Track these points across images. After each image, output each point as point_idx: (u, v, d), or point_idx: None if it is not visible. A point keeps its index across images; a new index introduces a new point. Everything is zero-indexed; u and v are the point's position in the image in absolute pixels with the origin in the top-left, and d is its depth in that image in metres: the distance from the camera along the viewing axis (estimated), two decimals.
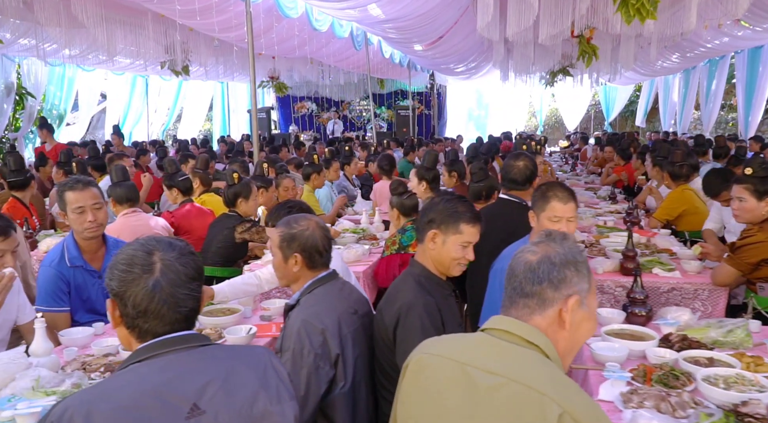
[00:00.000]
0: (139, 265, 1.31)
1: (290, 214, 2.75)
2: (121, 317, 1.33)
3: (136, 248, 1.34)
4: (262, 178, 4.69)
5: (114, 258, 1.36)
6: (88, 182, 2.86)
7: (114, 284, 1.32)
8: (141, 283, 1.29)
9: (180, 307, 1.31)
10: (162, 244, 1.35)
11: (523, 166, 3.36)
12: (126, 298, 1.30)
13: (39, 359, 2.09)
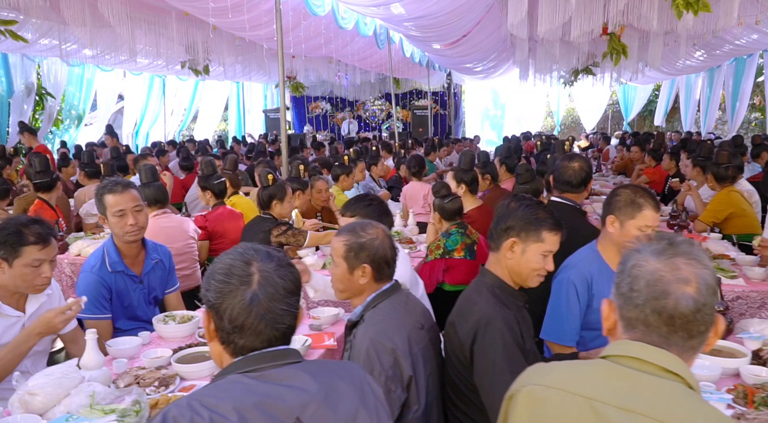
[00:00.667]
0: (236, 275, 1.22)
1: (370, 208, 2.67)
2: (216, 331, 1.24)
3: (235, 257, 1.25)
4: (299, 179, 4.58)
5: (211, 267, 1.28)
6: (127, 184, 2.76)
7: (210, 295, 1.23)
8: (238, 296, 1.20)
9: (278, 323, 1.23)
10: (261, 254, 1.26)
11: (578, 167, 3.22)
12: (222, 311, 1.21)
13: (91, 373, 1.98)
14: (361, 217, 2.64)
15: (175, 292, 3.07)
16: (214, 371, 2.14)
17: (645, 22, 6.20)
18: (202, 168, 4.43)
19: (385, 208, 2.73)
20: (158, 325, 2.56)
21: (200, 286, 3.56)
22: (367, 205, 2.68)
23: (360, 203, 2.70)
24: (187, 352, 2.26)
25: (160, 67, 11.39)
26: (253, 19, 5.21)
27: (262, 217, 4.00)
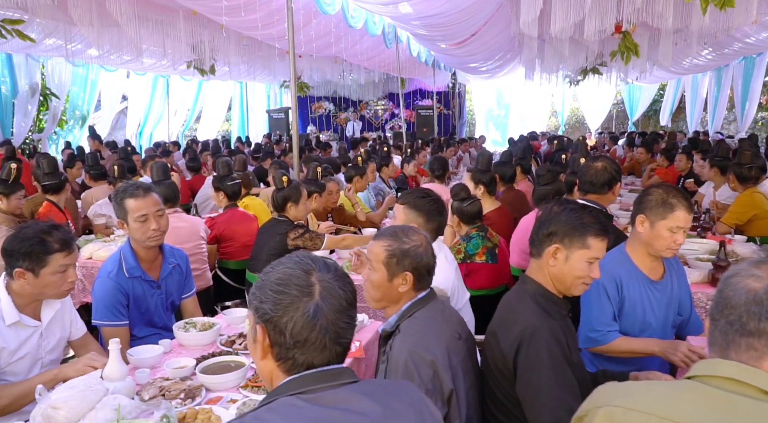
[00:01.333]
0: (297, 286, 1.14)
1: (425, 201, 2.60)
2: (272, 347, 1.14)
3: (291, 266, 1.17)
4: (315, 182, 4.49)
5: (264, 276, 1.19)
6: (148, 188, 2.67)
7: (267, 307, 1.14)
8: (300, 308, 1.12)
9: (340, 337, 1.15)
10: (318, 263, 1.18)
11: (601, 167, 3.14)
12: (282, 325, 1.12)
13: (115, 384, 1.90)
14: (410, 207, 2.58)
15: (191, 297, 2.99)
16: (240, 382, 2.06)
17: (660, 20, 6.11)
18: (218, 168, 4.34)
19: (441, 205, 2.66)
20: (179, 333, 2.48)
21: (210, 288, 3.47)
22: (422, 197, 2.61)
23: (414, 194, 2.64)
24: (211, 361, 2.18)
25: (165, 66, 11.32)
26: (265, 18, 5.12)
27: (277, 219, 3.92)
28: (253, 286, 1.21)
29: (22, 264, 2.07)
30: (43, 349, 2.21)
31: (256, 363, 1.21)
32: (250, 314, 1.21)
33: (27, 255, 2.07)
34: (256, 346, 1.18)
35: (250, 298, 1.21)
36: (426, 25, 7.17)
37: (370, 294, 1.91)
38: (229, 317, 2.72)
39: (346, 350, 1.18)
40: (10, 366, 2.08)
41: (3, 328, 2.08)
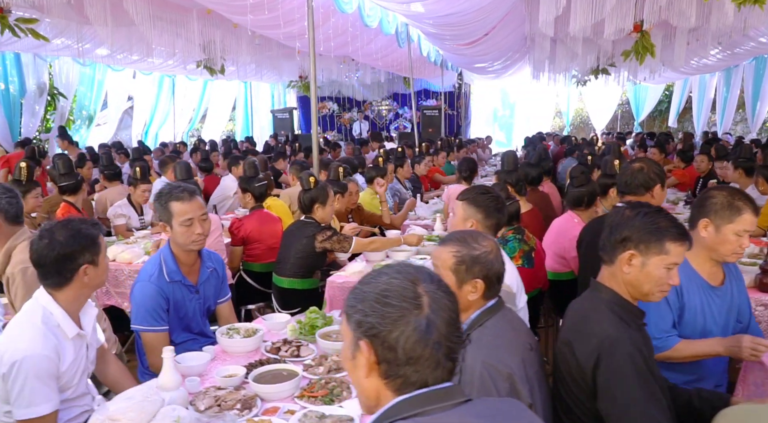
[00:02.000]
0: (405, 297, 1.06)
1: (485, 197, 2.54)
2: (378, 364, 1.07)
3: (395, 276, 1.09)
4: (338, 182, 4.42)
5: (364, 287, 1.11)
6: (193, 191, 2.60)
7: (373, 321, 1.06)
8: (411, 322, 1.04)
9: (453, 353, 1.08)
10: (422, 273, 1.11)
11: (638, 168, 3.07)
12: (391, 340, 1.05)
13: (170, 394, 1.83)
14: (470, 203, 2.52)
15: (227, 302, 2.92)
16: (295, 392, 1.99)
17: (682, 19, 6.05)
18: (245, 169, 4.28)
19: (502, 202, 2.60)
20: (223, 339, 2.41)
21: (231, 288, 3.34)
22: (482, 194, 2.56)
23: (475, 190, 2.62)
24: (263, 370, 2.11)
25: (172, 66, 11.26)
26: (285, 15, 5.05)
27: (304, 221, 3.84)
28: (351, 297, 1.13)
29: (84, 260, 1.99)
30: (88, 360, 2.14)
31: (357, 381, 1.13)
32: (347, 328, 1.13)
33: (86, 248, 2.00)
34: (356, 362, 1.10)
35: (348, 310, 1.12)
36: (441, 24, 7.10)
37: None
38: (270, 323, 2.65)
39: (455, 366, 1.10)
40: (68, 381, 1.99)
41: (66, 342, 1.98)
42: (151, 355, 2.53)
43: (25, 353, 1.85)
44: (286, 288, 3.79)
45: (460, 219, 2.64)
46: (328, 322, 2.55)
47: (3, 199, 2.56)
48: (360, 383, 1.12)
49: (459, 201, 2.67)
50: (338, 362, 2.19)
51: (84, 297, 2.10)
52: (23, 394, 1.84)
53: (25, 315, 1.99)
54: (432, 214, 5.87)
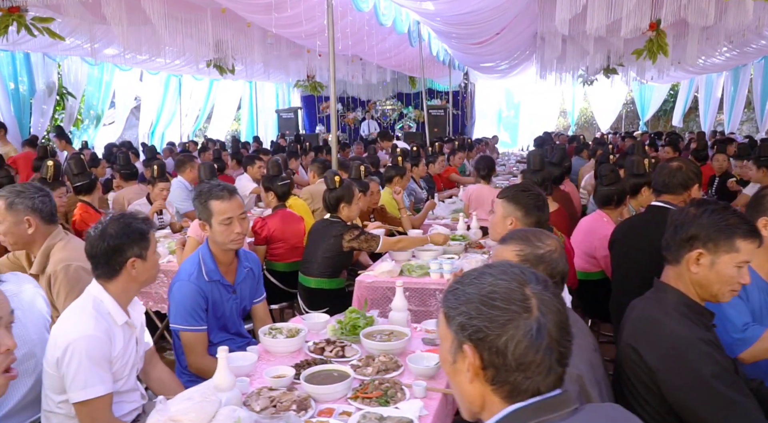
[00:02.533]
0: (513, 300, 1.02)
1: (526, 194, 2.51)
2: (484, 369, 1.03)
3: (502, 278, 1.05)
4: (360, 181, 4.39)
5: (467, 288, 1.06)
6: (233, 190, 2.58)
7: (479, 324, 1.02)
8: (521, 326, 1.00)
9: (564, 358, 1.04)
10: (528, 274, 1.06)
11: (677, 167, 3.04)
12: (500, 345, 1.01)
13: (226, 395, 1.80)
14: (509, 201, 2.50)
15: (262, 302, 2.90)
16: (347, 393, 1.96)
17: (701, 17, 6.02)
18: (268, 168, 4.25)
19: (542, 200, 2.58)
20: (266, 339, 2.38)
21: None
22: (522, 191, 2.54)
23: (515, 188, 2.60)
24: (313, 370, 2.08)
25: (180, 66, 11.23)
26: (305, 12, 5.03)
27: (330, 220, 3.81)
28: (452, 298, 1.08)
29: (132, 253, 2.01)
30: (137, 355, 2.12)
31: (459, 386, 1.09)
32: (447, 331, 1.08)
33: (135, 242, 2.02)
34: (457, 366, 1.07)
35: (448, 311, 1.08)
36: (456, 23, 7.08)
37: None
38: (309, 322, 2.62)
39: (565, 372, 1.06)
40: (119, 370, 1.98)
41: (116, 328, 1.99)
42: (191, 354, 2.51)
43: (77, 334, 1.87)
44: (313, 288, 3.76)
45: (499, 217, 2.62)
46: (370, 321, 2.53)
47: (36, 198, 2.53)
48: (462, 388, 1.08)
49: (499, 199, 2.64)
50: (386, 363, 2.16)
51: (133, 291, 2.11)
52: (78, 376, 1.85)
53: (77, 304, 2.01)
54: (450, 213, 5.84)
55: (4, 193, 2.49)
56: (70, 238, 2.59)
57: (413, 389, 1.97)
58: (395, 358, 2.21)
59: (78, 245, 2.42)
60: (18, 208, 2.45)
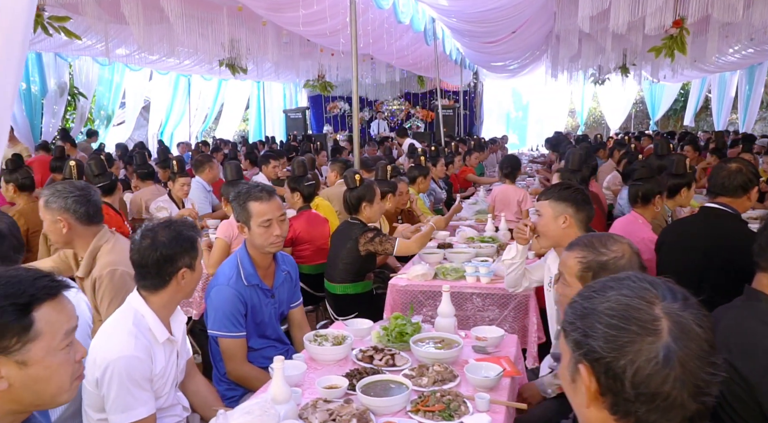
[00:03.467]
0: (637, 320, 0.89)
1: (569, 191, 2.41)
2: (602, 394, 0.91)
3: (626, 293, 0.93)
4: (387, 181, 4.28)
5: (585, 302, 0.95)
6: (272, 191, 2.49)
7: (596, 344, 0.90)
8: (644, 350, 0.87)
9: (703, 394, 0.89)
10: (661, 289, 0.93)
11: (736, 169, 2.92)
12: (617, 369, 0.88)
13: (284, 408, 1.70)
14: (556, 200, 2.41)
15: (299, 307, 2.80)
16: (406, 405, 1.86)
17: (729, 13, 5.90)
18: (294, 168, 4.15)
19: (586, 194, 2.49)
20: (312, 347, 2.28)
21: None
22: (565, 189, 2.45)
23: (555, 188, 2.53)
24: (368, 380, 1.98)
25: (191, 65, 11.16)
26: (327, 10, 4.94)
27: (349, 222, 3.68)
28: (569, 312, 0.98)
29: (183, 263, 1.93)
30: (178, 368, 2.02)
31: (577, 408, 0.99)
32: (566, 347, 0.98)
33: (186, 251, 1.93)
34: (576, 386, 0.96)
35: (565, 326, 0.98)
36: (476, 20, 6.98)
37: (561, 310, 1.70)
38: (353, 328, 2.52)
39: (707, 412, 0.91)
40: (159, 387, 1.88)
41: (156, 346, 1.89)
42: (230, 361, 2.42)
43: (118, 355, 1.77)
44: (339, 294, 3.64)
45: (549, 218, 2.52)
46: (417, 328, 2.42)
47: (69, 198, 2.44)
48: (581, 411, 0.98)
49: (544, 201, 2.56)
50: (441, 373, 2.06)
51: (175, 302, 2.01)
52: (119, 399, 1.76)
53: (117, 318, 1.91)
54: (473, 214, 5.74)
55: (45, 191, 2.45)
56: (117, 239, 2.49)
57: (475, 402, 1.87)
58: (450, 368, 2.10)
59: (125, 247, 2.32)
60: (52, 206, 2.40)
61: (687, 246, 2.85)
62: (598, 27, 7.55)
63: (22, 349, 1.16)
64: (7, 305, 1.14)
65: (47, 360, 1.19)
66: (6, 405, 1.18)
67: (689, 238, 2.86)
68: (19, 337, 1.15)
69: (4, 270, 1.19)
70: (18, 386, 1.17)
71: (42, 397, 1.21)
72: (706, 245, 2.72)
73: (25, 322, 1.16)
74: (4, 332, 1.14)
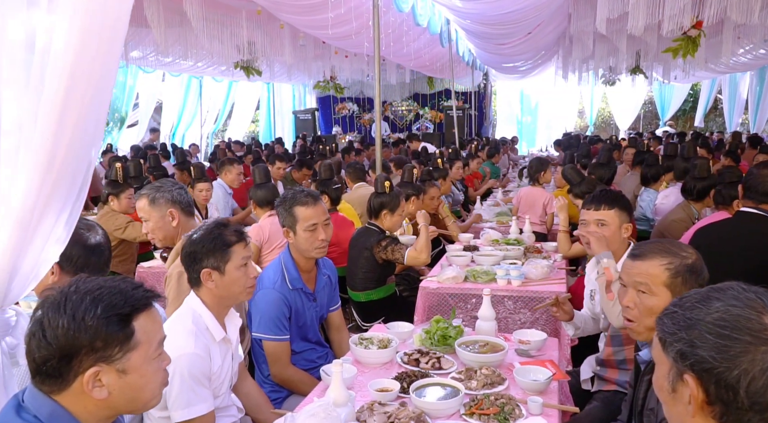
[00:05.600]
0: (749, 329, 0.92)
1: (625, 200, 2.43)
2: (710, 404, 0.94)
3: (734, 303, 0.95)
4: (412, 184, 4.31)
5: (687, 313, 0.97)
6: (317, 196, 2.52)
7: (706, 355, 0.93)
8: (758, 360, 0.90)
9: None
10: (765, 297, 0.96)
11: None
12: (731, 379, 0.91)
13: (344, 411, 1.73)
14: (620, 209, 2.47)
15: (338, 310, 2.83)
16: (460, 409, 1.89)
17: (746, 14, 5.91)
18: (321, 171, 4.19)
19: (626, 200, 2.53)
20: (358, 350, 2.30)
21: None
22: (620, 196, 2.53)
23: (610, 195, 2.56)
24: (419, 383, 2.00)
25: (204, 67, 11.21)
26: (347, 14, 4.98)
27: (367, 228, 3.69)
28: (669, 323, 0.99)
29: (208, 263, 1.94)
30: (233, 370, 2.05)
31: (679, 417, 1.01)
32: (665, 357, 1.00)
33: (211, 252, 1.94)
34: (677, 396, 0.98)
35: (665, 337, 1.00)
36: (495, 23, 6.99)
37: (644, 324, 1.65)
38: (394, 331, 2.54)
39: None
40: (217, 387, 1.92)
41: (213, 345, 1.92)
42: (275, 364, 2.45)
43: (179, 352, 1.80)
44: (364, 301, 3.65)
45: (616, 228, 2.48)
46: (459, 331, 2.45)
47: (174, 190, 2.53)
48: (682, 420, 1.00)
49: (608, 210, 2.49)
50: (490, 376, 2.08)
51: (223, 305, 2.02)
52: (181, 395, 1.80)
53: (177, 318, 1.96)
54: (494, 216, 5.76)
55: (145, 191, 2.54)
56: None
57: (528, 405, 1.89)
58: (498, 371, 2.13)
59: None
60: (160, 202, 2.49)
61: (725, 250, 2.84)
62: (614, 28, 7.55)
63: (123, 358, 1.19)
64: (113, 316, 1.18)
65: (143, 368, 1.22)
66: (102, 411, 1.22)
67: (726, 242, 2.85)
68: (121, 346, 1.19)
69: (104, 281, 1.22)
70: (116, 393, 1.20)
71: (136, 404, 1.25)
72: (744, 249, 2.72)
73: (127, 331, 1.19)
74: (109, 342, 1.17)
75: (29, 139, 1.30)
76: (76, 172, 1.41)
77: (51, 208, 1.39)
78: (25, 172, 1.31)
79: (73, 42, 1.25)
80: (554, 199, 4.80)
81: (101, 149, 10.65)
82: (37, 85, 1.26)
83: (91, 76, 1.30)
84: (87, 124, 1.35)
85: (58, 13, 1.25)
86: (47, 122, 1.27)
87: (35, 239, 1.39)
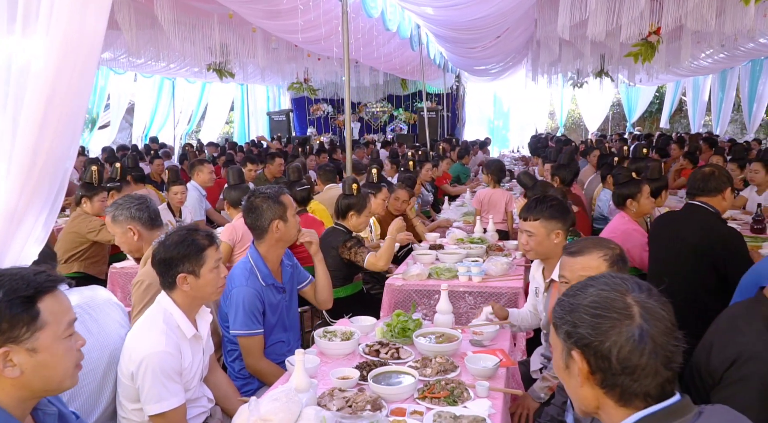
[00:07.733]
0: (615, 308, 1.11)
1: (555, 206, 2.61)
2: (592, 373, 1.12)
3: (603, 288, 1.14)
4: (374, 184, 4.47)
5: (571, 300, 1.15)
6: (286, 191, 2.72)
7: (584, 332, 1.11)
8: (623, 332, 1.09)
9: (671, 361, 1.11)
10: (630, 283, 1.15)
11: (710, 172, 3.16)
12: (604, 350, 1.10)
13: (306, 396, 1.88)
14: (546, 219, 2.57)
15: (310, 284, 3.00)
16: (413, 393, 2.05)
17: (701, 23, 6.19)
18: (289, 173, 4.32)
19: (565, 204, 2.68)
20: (322, 342, 2.46)
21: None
22: (549, 206, 2.61)
23: (540, 204, 2.63)
24: (377, 371, 2.16)
25: (176, 69, 11.20)
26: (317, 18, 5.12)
27: (335, 228, 3.85)
28: (558, 309, 1.18)
29: (183, 268, 2.06)
30: (203, 364, 2.18)
31: (572, 389, 1.18)
32: (557, 339, 1.18)
33: (186, 257, 2.06)
34: (569, 371, 1.16)
35: (556, 322, 1.18)
36: (464, 29, 7.19)
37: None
38: (358, 325, 2.70)
39: (675, 376, 1.13)
40: (188, 381, 2.05)
41: (184, 342, 2.05)
42: (248, 357, 2.59)
43: (151, 350, 1.94)
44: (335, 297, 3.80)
45: (543, 237, 2.61)
46: (418, 324, 2.61)
47: (132, 207, 2.66)
48: (576, 391, 1.17)
49: (533, 221, 2.62)
50: (443, 364, 2.25)
51: (194, 304, 2.15)
52: (153, 390, 1.93)
53: (148, 317, 2.08)
54: (461, 216, 5.95)
55: (109, 209, 2.71)
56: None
57: (476, 389, 2.06)
58: (451, 360, 2.30)
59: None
60: (120, 219, 2.63)
61: (676, 237, 3.07)
62: (577, 33, 7.81)
63: (31, 338, 1.31)
64: (15, 298, 1.30)
65: (54, 347, 1.34)
66: (17, 392, 1.34)
67: (678, 230, 3.09)
68: (28, 326, 1.31)
69: (6, 270, 1.36)
70: (29, 373, 1.32)
71: (50, 383, 1.37)
72: (695, 241, 2.94)
73: (32, 312, 1.32)
74: (15, 323, 1.30)
75: (9, 151, 1.42)
76: (53, 179, 1.54)
77: (30, 211, 1.52)
78: (6, 179, 1.44)
79: (52, 61, 1.38)
80: (514, 199, 5.01)
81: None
82: (17, 102, 1.39)
83: (68, 93, 1.43)
84: (64, 137, 1.48)
85: (37, 34, 1.37)
86: (27, 134, 1.40)
87: (16, 238, 1.52)
